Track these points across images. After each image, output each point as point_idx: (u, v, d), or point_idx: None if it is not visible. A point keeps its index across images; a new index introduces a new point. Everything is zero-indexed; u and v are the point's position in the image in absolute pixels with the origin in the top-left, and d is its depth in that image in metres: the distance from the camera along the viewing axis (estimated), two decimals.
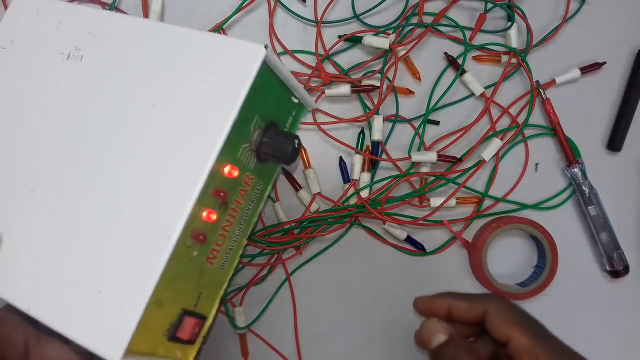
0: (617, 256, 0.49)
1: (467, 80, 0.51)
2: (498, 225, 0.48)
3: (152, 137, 0.33)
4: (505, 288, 0.48)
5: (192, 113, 0.32)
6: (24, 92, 0.38)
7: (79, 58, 0.37)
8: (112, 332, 0.29)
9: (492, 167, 0.51)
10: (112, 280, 0.30)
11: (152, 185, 0.32)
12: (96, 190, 0.33)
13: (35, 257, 0.33)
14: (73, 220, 0.33)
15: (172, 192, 0.31)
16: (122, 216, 0.32)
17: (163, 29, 0.36)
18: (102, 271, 0.31)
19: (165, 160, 0.32)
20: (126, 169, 0.33)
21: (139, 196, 0.32)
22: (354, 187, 0.50)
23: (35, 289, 0.32)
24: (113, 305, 0.29)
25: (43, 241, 0.33)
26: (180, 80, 0.33)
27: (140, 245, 0.30)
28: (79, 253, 0.32)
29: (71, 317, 0.30)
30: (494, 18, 0.52)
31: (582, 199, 0.50)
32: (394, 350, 0.50)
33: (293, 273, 0.50)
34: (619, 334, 0.51)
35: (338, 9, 0.52)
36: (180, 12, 0.51)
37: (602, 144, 0.52)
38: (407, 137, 0.51)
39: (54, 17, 0.39)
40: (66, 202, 0.33)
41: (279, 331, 0.49)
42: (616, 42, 0.53)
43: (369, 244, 0.51)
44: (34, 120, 0.37)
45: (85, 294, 0.30)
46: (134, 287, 0.29)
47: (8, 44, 0.39)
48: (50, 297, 0.31)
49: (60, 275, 0.32)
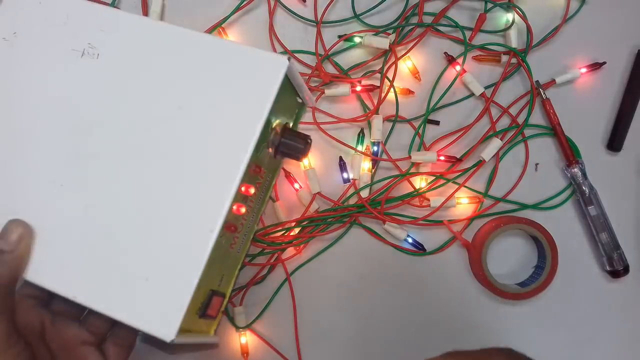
0: (617, 256, 0.50)
1: (467, 80, 0.51)
2: (498, 225, 0.48)
3: (184, 137, 0.35)
4: (505, 288, 0.48)
5: (220, 117, 0.35)
6: (39, 85, 0.38)
7: (95, 56, 0.37)
8: (164, 314, 0.32)
9: (492, 167, 0.51)
10: (159, 270, 0.33)
11: (188, 184, 0.34)
12: (134, 187, 0.35)
13: (77, 248, 0.35)
14: (112, 214, 0.35)
15: (211, 190, 0.34)
16: (163, 211, 0.34)
17: (185, 34, 0.37)
18: (149, 262, 0.34)
19: (199, 161, 0.35)
20: (162, 166, 0.35)
21: (178, 194, 0.34)
22: (354, 187, 0.50)
23: (80, 277, 0.34)
24: (162, 291, 0.33)
25: (82, 233, 0.35)
26: (205, 86, 0.36)
27: (184, 239, 0.33)
28: (122, 245, 0.34)
29: (121, 303, 0.33)
30: (494, 18, 0.52)
31: (582, 199, 0.50)
32: (393, 350, 0.50)
33: (293, 273, 0.50)
34: (619, 334, 0.51)
35: (338, 9, 0.52)
36: (180, 12, 0.51)
37: (602, 144, 0.52)
38: (407, 137, 0.51)
39: (60, 12, 0.38)
40: (103, 196, 0.35)
41: (279, 331, 0.49)
42: (616, 42, 0.53)
43: (369, 244, 0.51)
44: (53, 116, 0.37)
45: (133, 281, 0.33)
46: (182, 275, 0.33)
47: (10, 36, 0.38)
48: (98, 285, 0.34)
49: (106, 265, 0.34)
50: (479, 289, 0.51)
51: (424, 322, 0.50)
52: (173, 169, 0.35)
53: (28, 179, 0.36)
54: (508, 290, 0.48)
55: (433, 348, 0.50)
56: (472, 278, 0.51)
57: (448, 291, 0.51)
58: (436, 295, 0.50)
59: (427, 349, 0.50)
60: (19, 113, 0.37)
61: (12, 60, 0.38)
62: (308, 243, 0.50)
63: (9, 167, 0.36)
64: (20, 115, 0.37)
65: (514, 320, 0.51)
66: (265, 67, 0.35)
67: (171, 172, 0.35)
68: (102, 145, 0.36)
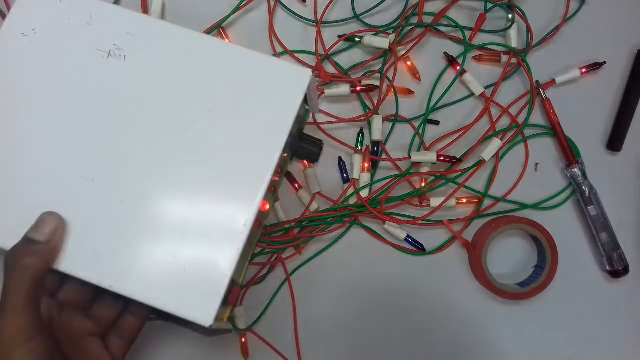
0: (617, 256, 0.49)
1: (467, 80, 0.51)
2: (498, 225, 0.48)
3: (215, 138, 0.38)
4: (506, 288, 0.48)
5: (250, 121, 0.38)
6: (64, 82, 0.39)
7: (122, 58, 0.39)
8: (202, 302, 0.35)
9: (492, 167, 0.51)
10: (195, 261, 0.36)
11: (221, 181, 0.37)
12: (168, 182, 0.37)
13: (113, 240, 0.37)
14: (147, 208, 0.37)
15: (243, 191, 0.37)
16: (197, 205, 0.37)
17: (212, 42, 0.40)
18: (186, 253, 0.36)
19: (231, 160, 0.38)
20: (195, 163, 0.38)
21: (210, 190, 0.37)
22: (353, 186, 0.50)
23: (117, 268, 0.36)
24: (199, 280, 0.36)
25: (118, 225, 0.37)
26: (235, 93, 0.39)
27: (219, 231, 0.36)
28: (159, 237, 0.36)
29: (160, 292, 0.36)
30: (494, 18, 0.52)
31: (582, 199, 0.50)
32: (393, 349, 0.50)
33: (293, 273, 0.50)
34: (619, 334, 0.51)
35: (338, 9, 0.52)
36: (180, 12, 0.51)
37: (602, 144, 0.52)
38: (407, 137, 0.51)
39: (83, 12, 0.39)
40: (137, 192, 0.37)
41: (279, 331, 0.49)
42: (616, 42, 0.53)
43: (369, 244, 0.51)
44: (79, 114, 0.38)
45: (172, 271, 0.36)
46: (218, 265, 0.36)
47: (29, 32, 0.39)
48: (135, 275, 0.36)
49: (143, 256, 0.36)
50: (478, 289, 0.51)
51: (424, 322, 0.50)
52: (205, 166, 0.37)
53: (59, 174, 0.37)
54: (508, 290, 0.48)
55: (433, 348, 0.50)
56: (472, 278, 0.51)
57: (448, 291, 0.51)
58: (436, 295, 0.50)
59: (427, 348, 0.50)
60: (45, 109, 0.38)
61: (33, 56, 0.39)
62: (308, 243, 0.50)
63: (39, 162, 0.38)
64: (45, 111, 0.38)
65: (513, 320, 0.51)
66: (292, 78, 0.39)
67: (203, 168, 0.37)
68: (134, 143, 0.38)
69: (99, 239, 0.37)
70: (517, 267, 0.51)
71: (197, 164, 0.37)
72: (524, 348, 0.51)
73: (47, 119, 0.38)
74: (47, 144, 0.38)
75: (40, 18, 0.39)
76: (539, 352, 0.51)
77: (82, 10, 0.40)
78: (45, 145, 0.38)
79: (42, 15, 0.40)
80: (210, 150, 0.38)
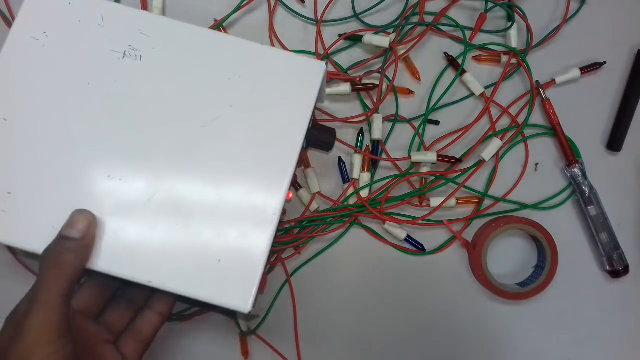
0: (617, 256, 0.49)
1: (467, 80, 0.51)
2: (498, 225, 0.48)
3: (239, 132, 0.39)
4: (505, 288, 0.48)
5: (269, 114, 0.39)
6: (82, 85, 0.39)
7: (137, 58, 0.39)
8: (239, 290, 0.37)
9: (492, 167, 0.51)
10: (229, 251, 0.37)
11: (247, 173, 0.39)
12: (196, 178, 0.38)
13: (147, 235, 0.38)
14: (178, 203, 0.38)
15: (269, 181, 0.38)
16: (225, 200, 0.38)
17: (227, 40, 0.41)
18: (219, 244, 0.38)
19: (256, 152, 0.39)
20: (222, 158, 0.39)
21: (238, 182, 0.38)
22: (353, 186, 0.50)
23: (154, 264, 0.37)
24: (235, 270, 0.37)
25: (151, 221, 0.38)
26: (252, 88, 0.40)
27: (249, 221, 0.38)
28: (192, 230, 0.38)
29: (197, 283, 0.37)
30: (494, 18, 0.52)
31: (582, 199, 0.50)
32: (393, 349, 0.50)
33: (294, 274, 0.50)
34: (619, 334, 0.51)
35: (338, 9, 0.52)
36: (181, 11, 0.51)
37: (602, 144, 0.52)
38: (407, 137, 0.51)
39: (94, 14, 0.40)
40: (166, 188, 0.38)
41: (279, 330, 0.49)
42: (616, 42, 0.53)
43: (369, 244, 0.50)
44: (101, 115, 0.39)
45: (207, 263, 0.37)
46: (251, 255, 0.37)
47: (40, 35, 0.39)
48: (172, 269, 0.37)
49: (178, 249, 0.37)
50: (478, 289, 0.51)
51: (424, 322, 0.50)
52: (231, 160, 0.39)
53: (87, 176, 0.38)
54: (508, 290, 0.48)
55: (433, 348, 0.50)
56: (472, 278, 0.51)
57: (448, 291, 0.50)
58: (436, 295, 0.50)
59: (427, 349, 0.50)
60: (67, 113, 0.39)
61: (49, 60, 0.39)
62: (308, 243, 0.50)
63: (67, 165, 0.38)
64: (67, 114, 0.39)
65: (514, 321, 0.51)
66: (307, 70, 0.40)
67: (229, 162, 0.39)
68: (158, 141, 0.39)
69: (132, 236, 0.37)
70: (517, 267, 0.51)
71: (222, 159, 0.39)
72: (524, 348, 0.51)
73: (70, 122, 0.39)
74: (72, 147, 0.38)
75: (50, 21, 0.40)
76: (539, 352, 0.51)
77: (92, 11, 0.40)
78: (71, 148, 0.38)
79: (51, 17, 0.40)
80: (234, 145, 0.39)
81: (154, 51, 0.40)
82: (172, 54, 0.40)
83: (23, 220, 0.38)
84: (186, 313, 0.49)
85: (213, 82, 0.39)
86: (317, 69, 0.40)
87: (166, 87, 0.39)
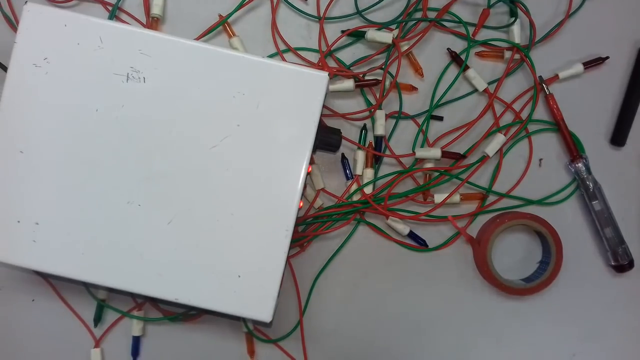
0: (621, 251, 0.49)
1: (471, 76, 0.51)
2: (502, 221, 0.48)
3: (247, 150, 0.40)
4: (510, 283, 0.48)
5: (277, 129, 0.40)
6: (91, 113, 0.39)
7: (141, 80, 0.40)
8: (260, 303, 0.40)
9: (496, 162, 0.51)
10: (247, 267, 0.40)
11: (258, 190, 0.40)
12: (210, 199, 0.40)
13: (170, 257, 0.40)
14: (196, 225, 0.40)
15: (281, 196, 0.40)
16: (242, 216, 0.40)
17: (226, 56, 0.40)
18: (238, 261, 0.40)
19: (265, 169, 0.40)
20: (232, 177, 0.40)
21: (251, 199, 0.40)
22: (357, 183, 0.50)
23: (179, 282, 0.40)
24: (254, 283, 0.40)
25: (171, 244, 0.40)
26: (257, 104, 0.40)
27: (265, 238, 0.40)
28: (211, 249, 0.40)
29: (221, 298, 0.40)
30: (497, 14, 0.52)
31: (586, 194, 0.50)
32: (398, 346, 0.50)
33: (314, 283, 0.50)
34: (624, 328, 0.51)
35: (340, 5, 0.52)
36: (183, 10, 0.51)
37: (605, 138, 0.52)
38: (410, 134, 0.51)
39: (92, 35, 0.39)
40: (183, 211, 0.40)
41: (285, 329, 0.49)
42: (619, 37, 0.53)
43: (373, 241, 0.50)
44: (112, 141, 0.39)
45: (228, 279, 0.40)
46: (269, 269, 0.40)
47: (41, 62, 0.39)
48: (196, 286, 0.40)
49: (200, 268, 0.40)
50: (483, 285, 0.51)
51: (429, 318, 0.50)
52: (242, 179, 0.40)
53: (107, 203, 0.40)
54: (513, 286, 0.48)
55: (438, 344, 0.50)
56: (477, 274, 0.51)
57: (452, 287, 0.50)
58: (441, 291, 0.50)
59: (432, 345, 0.50)
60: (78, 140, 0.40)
61: (53, 88, 0.39)
62: (312, 240, 0.50)
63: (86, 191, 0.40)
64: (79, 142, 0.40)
65: (519, 316, 0.50)
66: (310, 82, 0.41)
67: (241, 181, 0.40)
68: (171, 165, 0.40)
69: (157, 257, 0.40)
70: (522, 263, 0.51)
71: (233, 178, 0.40)
72: (530, 343, 0.51)
73: (85, 151, 0.40)
74: (90, 176, 0.40)
75: (49, 45, 0.39)
76: (544, 346, 0.51)
77: (89, 32, 0.39)
78: (88, 176, 0.40)
79: (50, 42, 0.39)
80: (243, 163, 0.40)
81: (156, 72, 0.40)
82: (174, 74, 0.40)
83: (52, 248, 0.39)
84: (192, 312, 0.49)
85: (218, 102, 0.40)
86: (320, 81, 0.41)
87: (173, 109, 0.40)
